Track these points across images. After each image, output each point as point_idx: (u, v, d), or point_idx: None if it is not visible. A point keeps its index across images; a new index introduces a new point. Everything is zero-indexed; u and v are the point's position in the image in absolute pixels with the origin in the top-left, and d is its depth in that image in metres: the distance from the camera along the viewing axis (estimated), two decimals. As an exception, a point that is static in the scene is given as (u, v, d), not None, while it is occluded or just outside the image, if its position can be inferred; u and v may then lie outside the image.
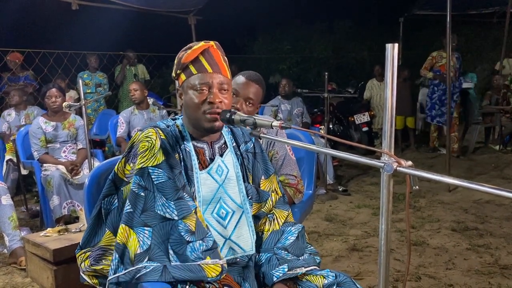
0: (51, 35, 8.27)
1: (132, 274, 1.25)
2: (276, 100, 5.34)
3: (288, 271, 1.39)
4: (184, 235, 1.28)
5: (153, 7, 6.04)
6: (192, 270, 1.26)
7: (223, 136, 1.52)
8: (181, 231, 1.29)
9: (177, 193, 1.32)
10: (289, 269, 1.40)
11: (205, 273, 1.26)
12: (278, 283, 1.39)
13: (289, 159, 2.07)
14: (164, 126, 1.43)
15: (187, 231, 1.29)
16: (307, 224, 3.73)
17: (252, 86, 1.95)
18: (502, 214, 3.84)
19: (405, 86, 6.84)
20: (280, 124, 1.19)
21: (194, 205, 1.34)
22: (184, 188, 1.35)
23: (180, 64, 1.42)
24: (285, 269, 1.40)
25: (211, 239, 1.33)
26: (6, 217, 3.07)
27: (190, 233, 1.29)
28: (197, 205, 1.37)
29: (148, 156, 1.33)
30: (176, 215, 1.30)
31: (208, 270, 1.27)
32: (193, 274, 1.25)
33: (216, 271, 1.28)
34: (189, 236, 1.29)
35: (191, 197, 1.35)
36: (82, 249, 1.41)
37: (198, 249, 1.29)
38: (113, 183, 1.39)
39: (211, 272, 1.27)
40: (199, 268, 1.27)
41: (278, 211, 1.55)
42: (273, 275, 1.40)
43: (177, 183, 1.33)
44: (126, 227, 1.30)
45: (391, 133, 1.05)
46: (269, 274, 1.41)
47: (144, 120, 4.55)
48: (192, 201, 1.35)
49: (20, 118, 4.83)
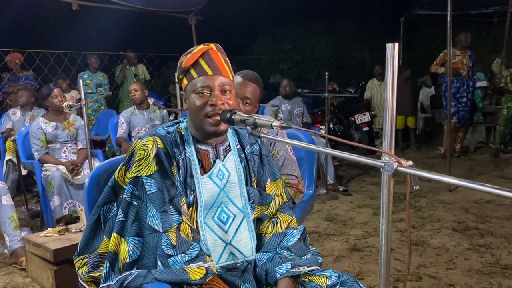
0: (51, 35, 8.28)
1: (120, 282, 1.26)
2: (277, 100, 5.34)
3: (291, 269, 1.39)
4: (165, 249, 1.28)
5: (154, 7, 6.04)
6: (174, 273, 1.25)
7: (228, 138, 1.52)
8: (163, 244, 1.28)
9: (163, 206, 1.31)
10: (292, 267, 1.40)
11: (188, 276, 1.25)
12: (283, 278, 1.39)
13: (289, 159, 2.07)
14: (164, 133, 1.41)
15: (169, 245, 1.29)
16: (308, 224, 3.73)
17: (249, 85, 1.94)
18: (503, 214, 3.83)
19: (406, 85, 6.84)
20: (280, 124, 1.18)
21: (178, 220, 1.33)
22: (172, 201, 1.34)
23: (181, 69, 1.42)
24: (288, 267, 1.40)
25: (196, 249, 1.32)
26: (6, 217, 3.07)
27: (171, 247, 1.29)
28: (185, 218, 1.35)
29: (143, 165, 1.33)
30: (161, 227, 1.30)
31: (192, 273, 1.26)
32: (176, 276, 1.25)
33: (200, 273, 1.27)
34: (170, 249, 1.28)
35: (178, 210, 1.34)
36: (80, 255, 1.41)
37: (180, 261, 1.28)
38: (112, 190, 1.39)
39: (194, 275, 1.26)
40: (182, 271, 1.26)
41: (282, 215, 1.55)
42: (276, 272, 1.40)
43: (166, 195, 1.33)
44: (118, 236, 1.30)
45: (392, 133, 1.05)
46: (272, 271, 1.41)
47: (145, 120, 4.55)
48: (177, 214, 1.34)
49: (25, 118, 4.82)
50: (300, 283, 1.42)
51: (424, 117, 8.17)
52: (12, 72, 5.66)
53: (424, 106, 8.08)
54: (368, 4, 10.55)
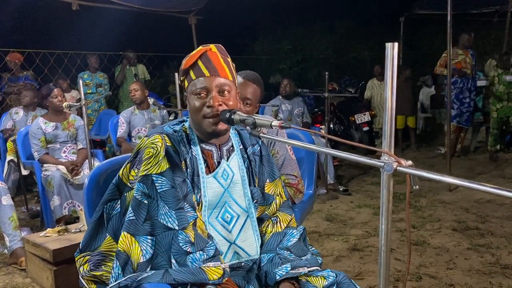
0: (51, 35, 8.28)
1: (133, 278, 1.25)
2: (277, 100, 5.34)
3: (291, 270, 1.39)
4: (183, 246, 1.27)
5: (154, 7, 6.04)
6: (193, 273, 1.25)
7: (231, 138, 1.52)
8: (181, 241, 1.28)
9: (178, 203, 1.31)
10: (292, 268, 1.40)
11: (206, 275, 1.26)
12: (283, 281, 1.38)
13: (289, 159, 2.06)
14: (171, 132, 1.42)
15: (187, 242, 1.28)
16: (308, 224, 3.73)
17: (249, 86, 1.94)
18: (503, 214, 3.83)
19: (407, 85, 6.83)
20: (280, 124, 1.18)
21: (194, 216, 1.33)
22: (186, 197, 1.34)
23: (182, 70, 1.43)
24: (288, 268, 1.39)
25: (212, 248, 1.32)
26: (6, 218, 3.07)
27: (190, 244, 1.28)
28: (199, 214, 1.36)
29: (153, 163, 1.32)
30: (176, 225, 1.29)
31: (210, 273, 1.27)
32: (194, 276, 1.24)
33: (218, 273, 1.27)
34: (189, 246, 1.28)
35: (192, 207, 1.34)
36: (82, 252, 1.40)
37: (199, 259, 1.28)
38: (116, 187, 1.38)
39: (212, 275, 1.26)
40: (201, 270, 1.26)
41: (281, 214, 1.55)
42: (276, 274, 1.39)
43: (179, 192, 1.32)
44: (128, 235, 1.29)
45: (391, 132, 1.05)
46: (271, 272, 1.41)
47: (145, 120, 4.55)
48: (193, 211, 1.33)
49: (28, 118, 4.82)
50: (297, 283, 1.41)
51: (424, 117, 8.16)
52: (12, 72, 5.66)
53: (424, 106, 8.08)
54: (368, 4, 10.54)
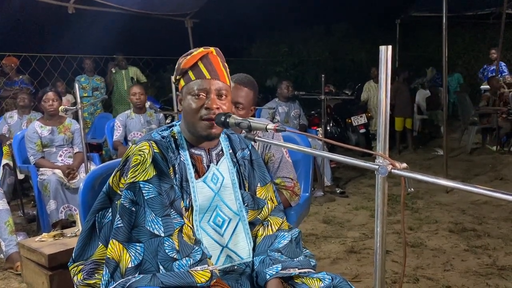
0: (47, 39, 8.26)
1: (122, 284, 1.25)
2: (273, 103, 5.33)
3: (281, 270, 1.39)
4: (169, 252, 1.28)
5: (150, 10, 6.04)
6: (180, 276, 1.25)
7: (220, 142, 1.52)
8: (167, 248, 1.28)
9: (165, 210, 1.31)
10: (283, 268, 1.40)
11: (194, 278, 1.26)
12: (271, 279, 1.38)
13: (285, 161, 2.06)
14: (159, 138, 1.41)
15: (173, 249, 1.29)
16: (305, 226, 3.72)
17: (241, 90, 1.91)
18: (499, 215, 3.84)
19: (405, 87, 6.84)
20: (275, 127, 1.18)
21: (180, 222, 1.33)
22: (173, 204, 1.34)
23: (179, 70, 1.42)
24: (278, 268, 1.39)
25: (198, 253, 1.32)
26: (2, 222, 3.05)
27: (176, 251, 1.29)
28: (186, 220, 1.35)
29: (140, 170, 1.32)
30: (163, 231, 1.29)
31: (197, 276, 1.27)
32: (182, 279, 1.25)
33: (205, 276, 1.27)
34: (175, 253, 1.28)
35: (179, 213, 1.34)
36: (75, 262, 1.40)
37: (185, 265, 1.28)
38: (107, 196, 1.38)
39: (200, 278, 1.26)
40: (188, 274, 1.26)
41: (273, 218, 1.56)
42: (266, 273, 1.39)
43: (166, 198, 1.32)
44: (117, 242, 1.29)
45: (386, 135, 1.05)
46: (262, 273, 1.41)
47: (141, 123, 4.53)
48: (179, 217, 1.33)
49: (22, 122, 4.80)
50: (292, 285, 1.42)
51: (421, 118, 8.19)
52: (7, 76, 5.64)
53: (420, 107, 8.11)
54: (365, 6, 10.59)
